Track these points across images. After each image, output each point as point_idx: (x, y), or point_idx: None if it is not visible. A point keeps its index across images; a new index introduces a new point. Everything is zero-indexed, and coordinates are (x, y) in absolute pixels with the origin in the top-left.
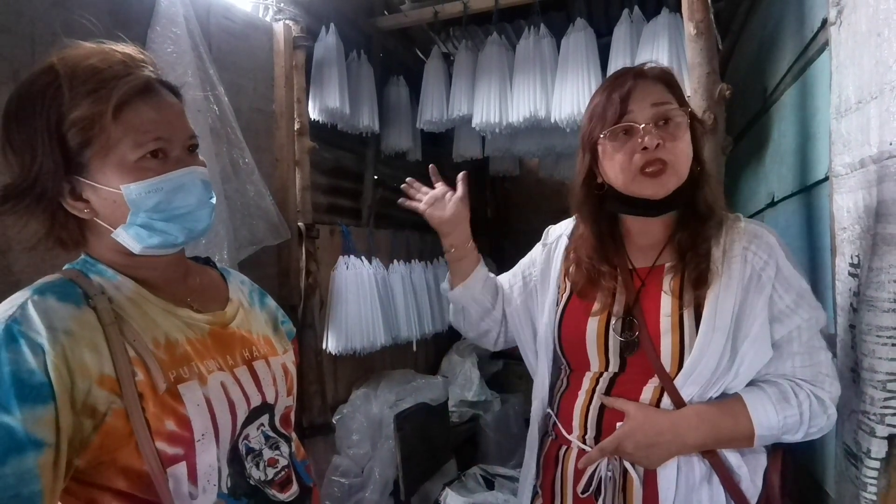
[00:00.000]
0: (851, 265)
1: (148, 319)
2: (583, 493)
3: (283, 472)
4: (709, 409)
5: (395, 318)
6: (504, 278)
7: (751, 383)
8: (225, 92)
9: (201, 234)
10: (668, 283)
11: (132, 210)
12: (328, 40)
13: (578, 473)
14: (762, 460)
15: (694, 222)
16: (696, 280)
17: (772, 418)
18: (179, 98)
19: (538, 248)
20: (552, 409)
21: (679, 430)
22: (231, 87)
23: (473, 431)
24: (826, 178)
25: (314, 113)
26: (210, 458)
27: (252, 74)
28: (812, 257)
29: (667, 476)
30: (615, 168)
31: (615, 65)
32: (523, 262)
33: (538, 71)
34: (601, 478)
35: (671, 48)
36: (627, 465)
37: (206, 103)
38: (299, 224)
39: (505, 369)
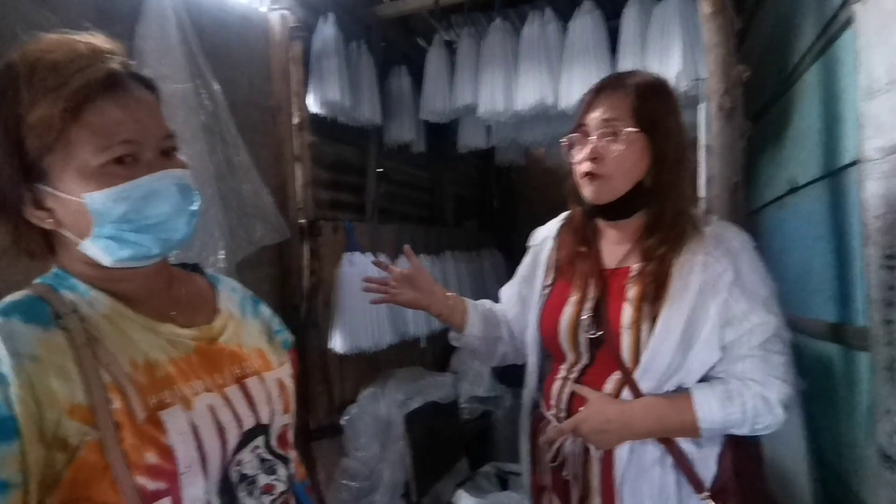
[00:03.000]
0: (886, 257)
1: (125, 339)
2: (551, 463)
3: (280, 499)
4: (657, 402)
5: (402, 315)
6: (506, 290)
7: (707, 379)
8: (219, 87)
9: (179, 245)
10: (630, 290)
11: (96, 221)
12: (326, 31)
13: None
14: (716, 447)
15: (660, 230)
16: (653, 297)
17: (715, 413)
18: (155, 92)
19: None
20: (539, 392)
21: (625, 420)
22: (225, 81)
23: (485, 428)
24: (854, 163)
25: (314, 106)
26: (197, 491)
27: (247, 68)
28: (837, 247)
29: (620, 456)
30: (574, 168)
31: (625, 48)
32: (520, 268)
33: (544, 57)
34: (566, 453)
35: (684, 30)
36: (589, 444)
37: (198, 99)
38: (301, 221)
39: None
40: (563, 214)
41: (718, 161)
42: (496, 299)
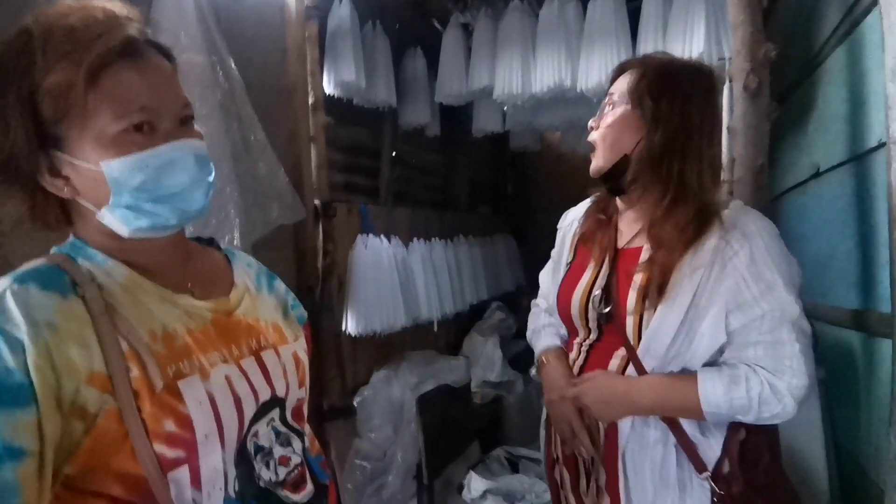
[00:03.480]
0: None
1: (143, 309)
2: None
3: (295, 471)
4: (662, 380)
5: (415, 299)
6: (543, 276)
7: (716, 363)
8: (234, 65)
9: (197, 216)
10: (638, 276)
11: (114, 190)
12: (342, 11)
13: None
14: (721, 431)
15: (664, 211)
16: (658, 285)
17: (720, 398)
18: (172, 62)
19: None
20: None
21: (630, 395)
22: (240, 60)
23: (496, 413)
24: (881, 145)
25: (329, 87)
26: (215, 460)
27: (262, 47)
28: (862, 232)
29: (623, 430)
30: None
31: (646, 29)
32: (553, 251)
33: (563, 38)
34: None
35: (708, 9)
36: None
37: (215, 76)
38: (315, 203)
39: (527, 349)
40: (592, 196)
41: (742, 142)
42: (508, 284)
